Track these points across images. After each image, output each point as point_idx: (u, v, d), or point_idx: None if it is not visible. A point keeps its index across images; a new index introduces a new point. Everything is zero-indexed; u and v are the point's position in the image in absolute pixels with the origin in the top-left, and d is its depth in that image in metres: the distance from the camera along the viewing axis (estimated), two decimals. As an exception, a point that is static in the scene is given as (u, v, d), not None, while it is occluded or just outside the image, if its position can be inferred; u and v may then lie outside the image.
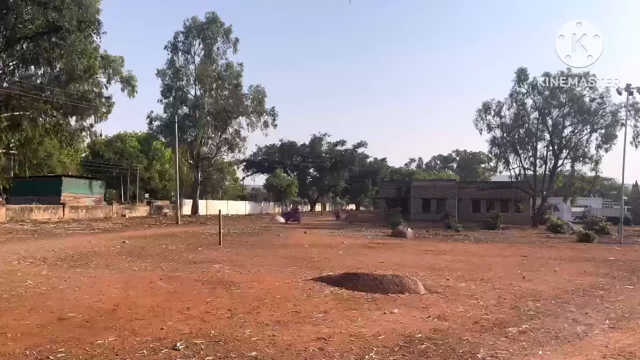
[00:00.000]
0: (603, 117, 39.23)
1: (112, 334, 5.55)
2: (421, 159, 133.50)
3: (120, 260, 12.63)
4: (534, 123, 41.74)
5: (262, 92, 51.33)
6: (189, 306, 7.09)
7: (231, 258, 13.69)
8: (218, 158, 55.24)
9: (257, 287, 8.79)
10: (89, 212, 38.26)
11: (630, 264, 14.46)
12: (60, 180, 40.96)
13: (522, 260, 14.81)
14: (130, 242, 18.03)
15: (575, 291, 9.30)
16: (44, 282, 8.92)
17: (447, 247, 19.68)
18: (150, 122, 49.69)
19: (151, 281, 9.27)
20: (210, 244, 18.30)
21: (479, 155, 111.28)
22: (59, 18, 26.83)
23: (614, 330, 6.35)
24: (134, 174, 60.61)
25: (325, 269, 11.55)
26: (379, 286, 8.60)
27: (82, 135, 37.12)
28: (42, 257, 12.93)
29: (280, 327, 6.04)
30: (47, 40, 27.76)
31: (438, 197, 48.23)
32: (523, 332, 6.05)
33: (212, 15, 48.80)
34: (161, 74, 49.14)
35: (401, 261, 13.83)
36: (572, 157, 41.30)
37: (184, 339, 5.41)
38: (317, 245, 18.58)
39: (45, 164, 46.71)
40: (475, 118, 43.07)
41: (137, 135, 64.42)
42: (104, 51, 35.87)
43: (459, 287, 9.35)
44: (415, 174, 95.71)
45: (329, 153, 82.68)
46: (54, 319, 6.21)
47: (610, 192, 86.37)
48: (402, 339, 5.62)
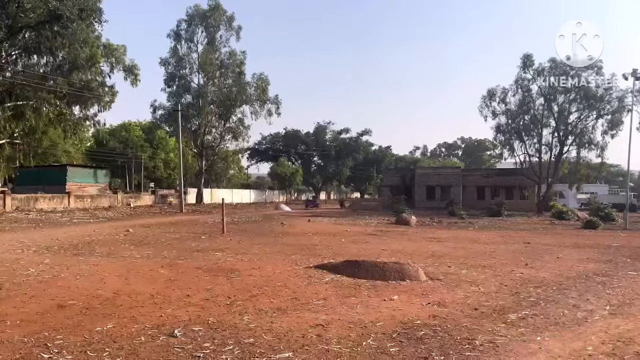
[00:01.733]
0: (609, 102, 38.90)
1: (111, 321, 5.57)
2: (426, 147, 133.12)
3: (123, 249, 12.69)
4: (539, 109, 41.51)
5: (266, 80, 51.17)
6: (189, 294, 7.11)
7: (234, 246, 13.72)
8: (222, 147, 55.27)
9: (258, 275, 8.80)
10: (94, 201, 38.46)
11: (634, 250, 14.40)
12: (65, 170, 41.17)
13: (525, 247, 14.78)
14: (134, 231, 18.10)
15: (577, 278, 9.26)
16: (46, 270, 8.96)
17: (450, 234, 19.65)
18: (154, 111, 49.93)
19: (152, 269, 9.30)
20: (213, 232, 18.36)
21: (484, 143, 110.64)
22: (60, 6, 26.76)
23: (614, 316, 6.31)
24: (139, 163, 60.75)
25: (327, 256, 11.56)
26: (380, 273, 8.60)
27: (86, 124, 37.22)
28: (46, 245, 13.01)
29: (279, 314, 6.04)
30: (49, 29, 27.71)
31: (442, 185, 48.10)
32: (522, 319, 6.03)
33: (215, 3, 48.57)
34: (164, 62, 49.16)
35: (404, 249, 13.82)
36: (578, 144, 41.01)
37: (182, 326, 5.41)
38: (321, 234, 18.60)
39: (50, 153, 46.92)
40: (480, 105, 42.96)
41: (141, 124, 64.46)
42: (106, 40, 35.94)
43: (460, 274, 9.33)
44: (419, 161, 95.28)
45: (333, 141, 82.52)
46: (54, 306, 6.24)
47: (617, 178, 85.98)
48: (401, 325, 5.61)
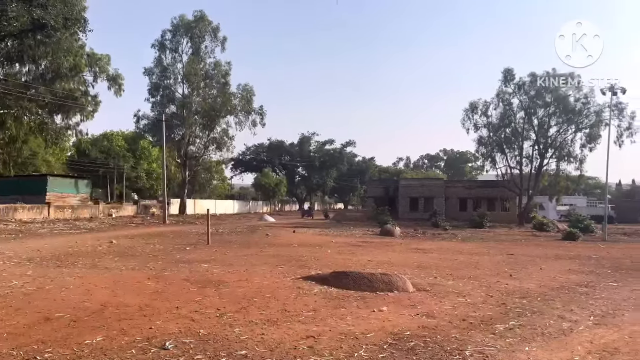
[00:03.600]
0: (587, 116, 39.76)
1: (100, 333, 5.51)
2: (409, 158, 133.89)
3: (108, 260, 12.53)
4: (520, 122, 42.21)
5: (251, 90, 51.14)
6: (178, 305, 7.06)
7: (220, 257, 13.65)
8: (206, 157, 54.92)
9: (246, 286, 8.78)
10: (75, 212, 37.82)
11: (614, 261, 14.71)
12: (46, 180, 40.39)
13: (509, 258, 14.98)
14: (118, 242, 17.88)
15: (560, 288, 9.44)
16: (30, 282, 8.81)
17: (434, 245, 19.81)
18: (138, 120, 49.41)
19: (139, 281, 9.22)
20: (198, 243, 18.22)
21: (466, 155, 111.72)
22: (44, 15, 26.56)
23: (598, 327, 6.46)
24: (121, 173, 60.07)
25: (314, 267, 11.57)
26: (368, 284, 8.65)
27: (67, 133, 36.78)
28: (27, 257, 12.77)
29: (269, 325, 6.05)
30: (32, 37, 27.48)
31: (426, 196, 48.46)
32: (510, 329, 6.13)
33: (200, 14, 48.47)
34: (148, 72, 48.77)
35: (389, 260, 13.90)
36: (557, 156, 41.77)
37: (173, 338, 5.39)
38: (306, 245, 18.60)
39: (30, 162, 46.18)
40: (463, 117, 43.52)
41: (124, 134, 63.84)
42: (90, 49, 35.62)
43: (446, 285, 9.44)
44: (403, 173, 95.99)
45: (317, 152, 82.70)
46: (40, 319, 6.14)
47: (595, 190, 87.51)
48: (391, 336, 5.66)
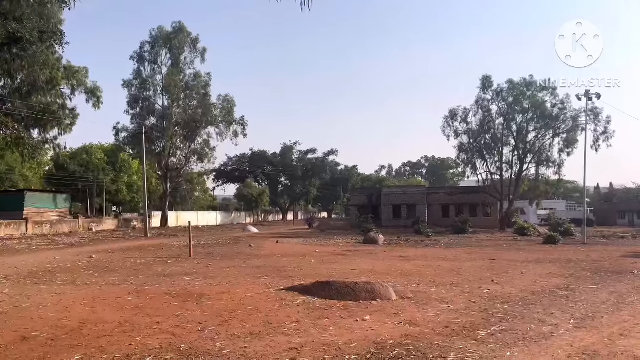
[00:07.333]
0: (564, 122, 40.51)
1: (79, 352, 5.40)
2: (391, 166, 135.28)
3: (87, 276, 12.31)
4: (499, 129, 42.77)
5: (231, 101, 51.15)
6: (159, 320, 6.96)
7: (202, 270, 13.51)
8: (187, 169, 54.52)
9: (228, 299, 8.70)
10: (54, 227, 37.15)
11: (593, 264, 14.94)
12: (23, 195, 39.62)
13: (491, 264, 15.11)
14: (98, 257, 17.59)
15: (541, 292, 9.54)
16: (6, 300, 8.61)
17: (417, 252, 19.90)
18: (117, 133, 48.91)
19: (119, 296, 9.07)
20: (180, 256, 18.02)
21: (447, 161, 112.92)
22: (20, 29, 26.13)
23: (578, 330, 6.54)
24: (101, 186, 59.17)
25: (297, 278, 11.52)
26: (351, 294, 8.64)
27: (45, 148, 36.21)
28: (3, 274, 12.47)
29: (252, 338, 5.99)
30: (8, 51, 27.04)
31: (408, 204, 48.78)
32: (492, 335, 6.17)
33: (179, 25, 48.47)
34: (127, 84, 48.41)
35: (373, 268, 13.91)
36: (537, 162, 42.40)
37: (154, 354, 5.30)
38: (289, 255, 18.52)
39: (7, 178, 45.28)
40: (443, 125, 43.97)
41: (103, 147, 62.98)
42: (67, 62, 35.24)
43: (429, 292, 9.47)
44: (385, 180, 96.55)
45: (300, 161, 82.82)
46: (17, 338, 5.99)
47: (574, 194, 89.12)
48: (374, 346, 5.65)
